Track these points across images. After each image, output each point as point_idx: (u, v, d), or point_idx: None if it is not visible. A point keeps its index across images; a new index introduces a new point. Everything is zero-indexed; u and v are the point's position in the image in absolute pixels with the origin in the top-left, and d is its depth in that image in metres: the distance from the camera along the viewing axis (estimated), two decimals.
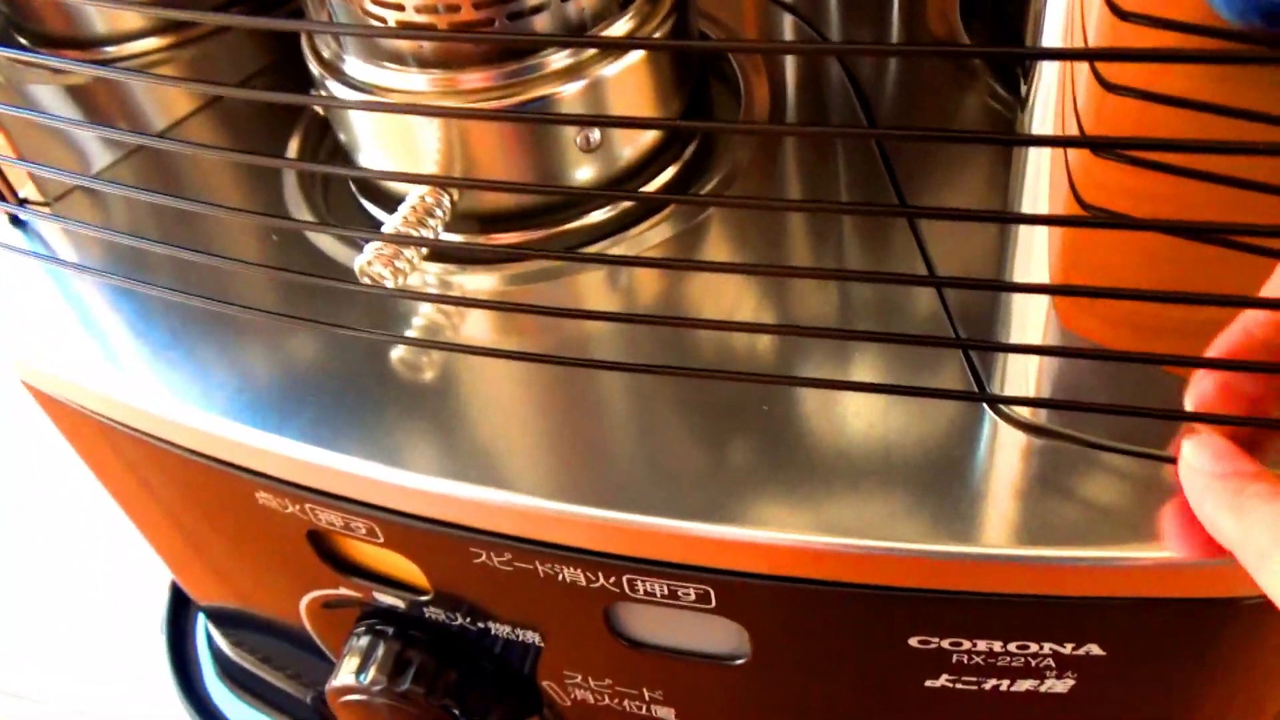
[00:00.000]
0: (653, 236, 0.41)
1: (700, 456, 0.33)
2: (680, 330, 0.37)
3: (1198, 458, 0.34)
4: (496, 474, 0.33)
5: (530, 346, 0.38)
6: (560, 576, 0.35)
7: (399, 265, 0.37)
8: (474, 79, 0.38)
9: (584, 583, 0.35)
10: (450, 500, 0.34)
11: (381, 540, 0.37)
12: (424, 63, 0.39)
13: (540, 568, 0.35)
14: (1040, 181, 0.28)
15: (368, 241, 0.37)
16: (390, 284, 0.37)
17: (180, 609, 0.65)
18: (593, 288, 0.40)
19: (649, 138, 0.42)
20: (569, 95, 0.39)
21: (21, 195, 0.45)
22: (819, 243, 0.41)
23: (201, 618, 0.64)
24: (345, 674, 0.42)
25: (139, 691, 0.64)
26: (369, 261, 0.36)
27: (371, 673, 0.41)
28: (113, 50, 0.52)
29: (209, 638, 0.62)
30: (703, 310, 0.38)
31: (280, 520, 0.39)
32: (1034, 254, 0.30)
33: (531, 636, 0.39)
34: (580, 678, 0.41)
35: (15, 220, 0.45)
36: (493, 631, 0.40)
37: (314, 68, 0.41)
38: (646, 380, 0.36)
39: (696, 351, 0.37)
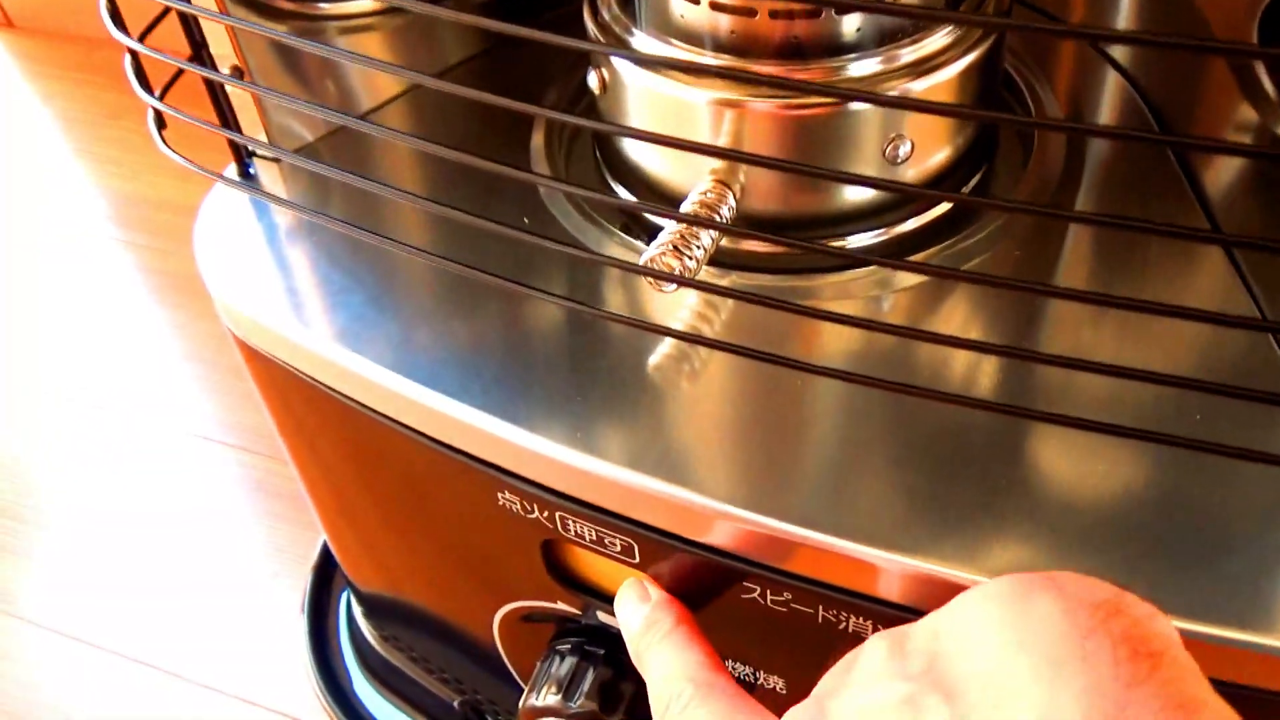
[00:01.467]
0: (910, 276, 0.38)
1: (1010, 514, 0.30)
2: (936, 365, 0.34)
3: (621, 611, 0.32)
4: (801, 509, 0.30)
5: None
6: (843, 625, 0.32)
7: (688, 263, 0.34)
8: (771, 72, 0.35)
9: (869, 635, 0.31)
10: (744, 531, 0.30)
11: (636, 561, 0.34)
12: (720, 47, 0.36)
13: (823, 613, 0.32)
14: None
15: (655, 228, 0.34)
16: (673, 286, 0.34)
17: (321, 593, 0.62)
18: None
19: (940, 159, 0.38)
20: (873, 105, 0.35)
21: (251, 147, 0.43)
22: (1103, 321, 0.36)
23: (344, 603, 0.61)
24: (549, 695, 0.39)
25: (273, 674, 0.61)
26: (659, 254, 0.33)
27: (581, 699, 0.38)
28: (326, 7, 0.49)
29: (351, 626, 0.60)
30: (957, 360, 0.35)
31: (516, 524, 0.36)
32: None
33: (775, 682, 0.36)
34: None
35: (245, 168, 0.42)
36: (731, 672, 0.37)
37: (594, 34, 0.38)
38: (929, 425, 0.33)
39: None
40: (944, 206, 0.39)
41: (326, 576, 0.63)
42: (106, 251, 0.93)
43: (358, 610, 0.58)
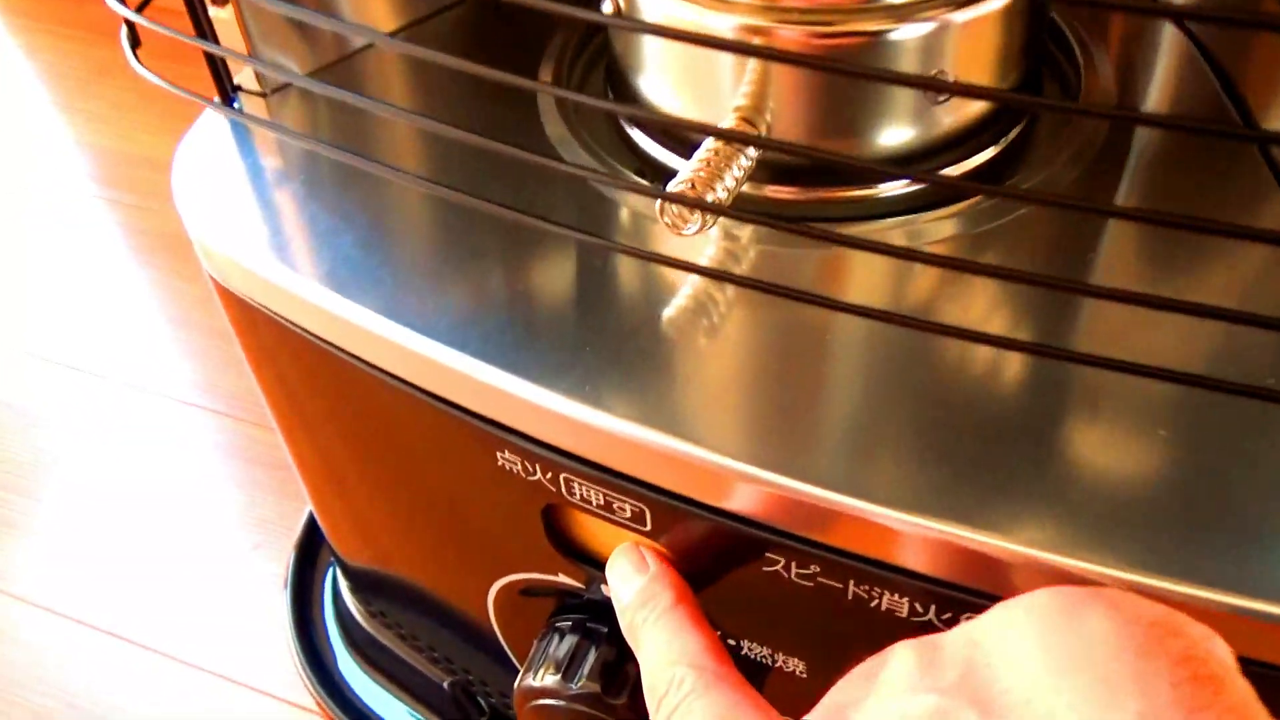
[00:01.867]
0: (941, 229, 0.35)
1: (1058, 483, 0.27)
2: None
3: (614, 579, 0.30)
4: (833, 473, 0.27)
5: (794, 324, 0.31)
6: (876, 602, 0.29)
7: (708, 203, 0.31)
8: None
9: (904, 614, 0.29)
10: (771, 496, 0.28)
11: (647, 529, 0.31)
12: None
13: (854, 589, 0.29)
14: None
15: (671, 172, 0.31)
16: (694, 226, 0.31)
17: (305, 567, 0.59)
18: (863, 264, 0.34)
19: (981, 105, 0.35)
20: (912, 36, 0.32)
21: (236, 81, 0.40)
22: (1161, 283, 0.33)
23: (329, 578, 0.58)
24: (547, 675, 0.36)
25: (254, 650, 0.58)
26: (682, 189, 0.30)
27: (582, 680, 0.35)
28: None
29: (336, 602, 0.57)
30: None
31: (516, 488, 0.33)
32: None
33: (795, 665, 0.33)
34: None
35: (229, 102, 0.39)
36: (743, 651, 0.34)
37: None
38: (967, 386, 0.30)
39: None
40: (984, 155, 0.36)
41: (311, 550, 0.60)
42: (90, 210, 0.90)
43: (344, 585, 0.55)
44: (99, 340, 0.79)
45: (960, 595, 0.27)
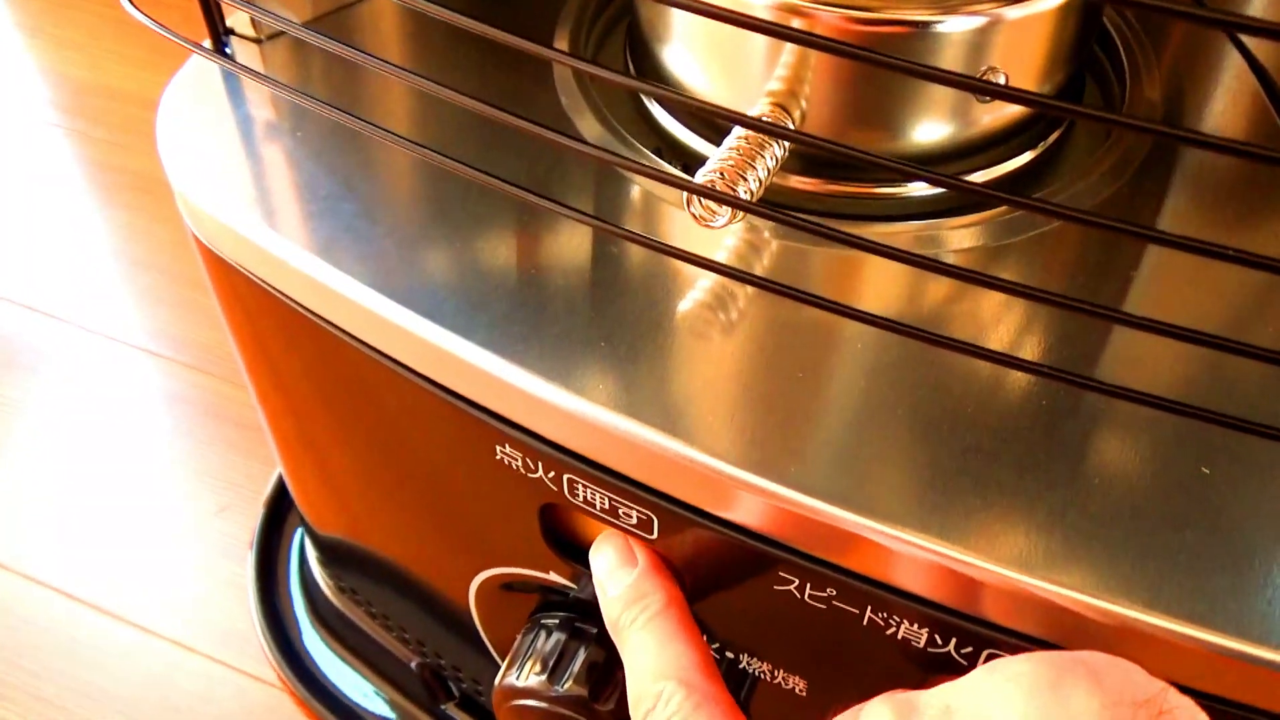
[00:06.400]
0: (963, 237, 0.33)
1: (1105, 520, 0.26)
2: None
3: (600, 569, 0.30)
4: (859, 496, 0.26)
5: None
6: (894, 630, 0.27)
7: (741, 194, 0.29)
8: None
9: (921, 644, 0.27)
10: (789, 513, 0.26)
11: (654, 537, 0.30)
12: None
13: (869, 614, 0.27)
14: None
15: (690, 155, 0.29)
16: (723, 219, 0.30)
17: (272, 533, 0.57)
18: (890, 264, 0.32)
19: (1023, 108, 0.34)
20: (960, 29, 0.31)
21: (230, 24, 0.37)
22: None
23: (297, 546, 0.56)
24: (531, 674, 0.35)
25: (213, 617, 0.56)
26: (710, 181, 0.29)
27: (568, 682, 0.34)
28: None
29: (303, 572, 0.55)
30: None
31: (514, 483, 0.31)
32: None
33: (793, 683, 0.32)
34: None
35: (221, 48, 0.37)
36: (740, 665, 0.32)
37: None
38: (1008, 411, 0.28)
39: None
40: (1019, 160, 0.35)
41: (279, 514, 0.58)
42: (53, 141, 0.85)
43: (312, 556, 0.53)
44: (60, 282, 0.75)
45: (983, 630, 0.26)
